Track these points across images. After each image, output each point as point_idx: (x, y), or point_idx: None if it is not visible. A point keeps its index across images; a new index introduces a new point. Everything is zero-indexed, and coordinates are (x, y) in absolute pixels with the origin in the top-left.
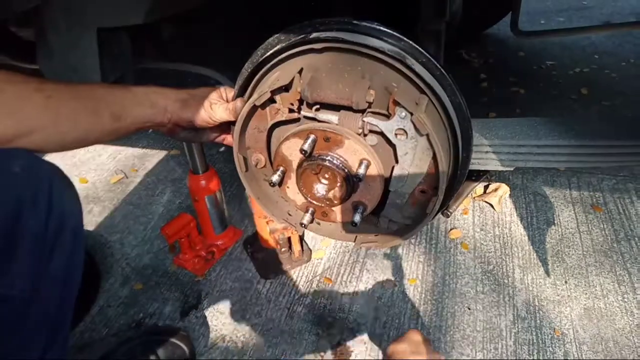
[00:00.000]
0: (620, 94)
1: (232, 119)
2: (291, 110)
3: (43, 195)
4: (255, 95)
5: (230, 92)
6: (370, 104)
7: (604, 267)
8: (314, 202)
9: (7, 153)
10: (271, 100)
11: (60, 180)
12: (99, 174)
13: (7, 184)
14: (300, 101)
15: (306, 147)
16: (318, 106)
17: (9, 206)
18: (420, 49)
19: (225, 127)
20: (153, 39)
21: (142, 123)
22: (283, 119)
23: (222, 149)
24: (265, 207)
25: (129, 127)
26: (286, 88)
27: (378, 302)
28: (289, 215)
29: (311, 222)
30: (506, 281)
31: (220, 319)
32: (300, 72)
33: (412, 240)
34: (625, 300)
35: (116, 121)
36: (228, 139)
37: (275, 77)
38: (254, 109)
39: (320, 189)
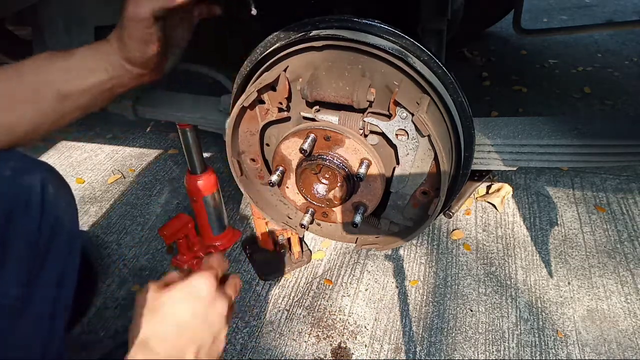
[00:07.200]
0: (623, 92)
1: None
2: (280, 110)
3: (36, 198)
4: (242, 96)
5: None
6: (371, 103)
7: (607, 268)
8: (314, 202)
9: None
10: (260, 101)
11: (54, 182)
12: (95, 173)
13: None
14: (289, 99)
15: (306, 146)
16: (318, 107)
17: (0, 210)
18: (421, 46)
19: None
20: None
21: (95, 95)
22: (273, 118)
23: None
24: (264, 211)
25: (80, 104)
26: (273, 87)
27: (379, 304)
28: (289, 218)
29: (311, 222)
30: (509, 282)
31: None
32: (285, 70)
33: (414, 242)
34: (629, 301)
35: (62, 102)
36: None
37: (264, 77)
38: (243, 110)
39: (320, 189)
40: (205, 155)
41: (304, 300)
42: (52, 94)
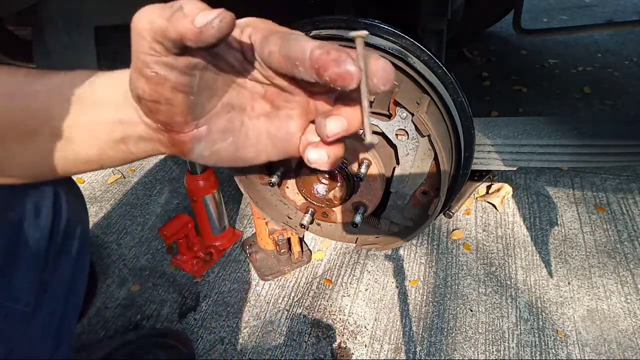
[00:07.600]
0: (623, 92)
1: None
2: None
3: (47, 205)
4: None
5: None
6: (371, 103)
7: (607, 268)
8: (314, 202)
9: None
10: None
11: (65, 187)
12: (95, 174)
13: (7, 196)
14: None
15: None
16: None
17: (9, 219)
18: (421, 46)
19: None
20: None
21: (99, 141)
22: None
23: None
24: (264, 211)
25: (84, 153)
26: None
27: (379, 304)
28: (289, 218)
29: (311, 222)
30: (509, 282)
31: (219, 321)
32: None
33: (414, 242)
34: (629, 301)
35: (64, 144)
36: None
37: None
38: None
39: (320, 189)
40: None
41: (304, 300)
42: (50, 132)
